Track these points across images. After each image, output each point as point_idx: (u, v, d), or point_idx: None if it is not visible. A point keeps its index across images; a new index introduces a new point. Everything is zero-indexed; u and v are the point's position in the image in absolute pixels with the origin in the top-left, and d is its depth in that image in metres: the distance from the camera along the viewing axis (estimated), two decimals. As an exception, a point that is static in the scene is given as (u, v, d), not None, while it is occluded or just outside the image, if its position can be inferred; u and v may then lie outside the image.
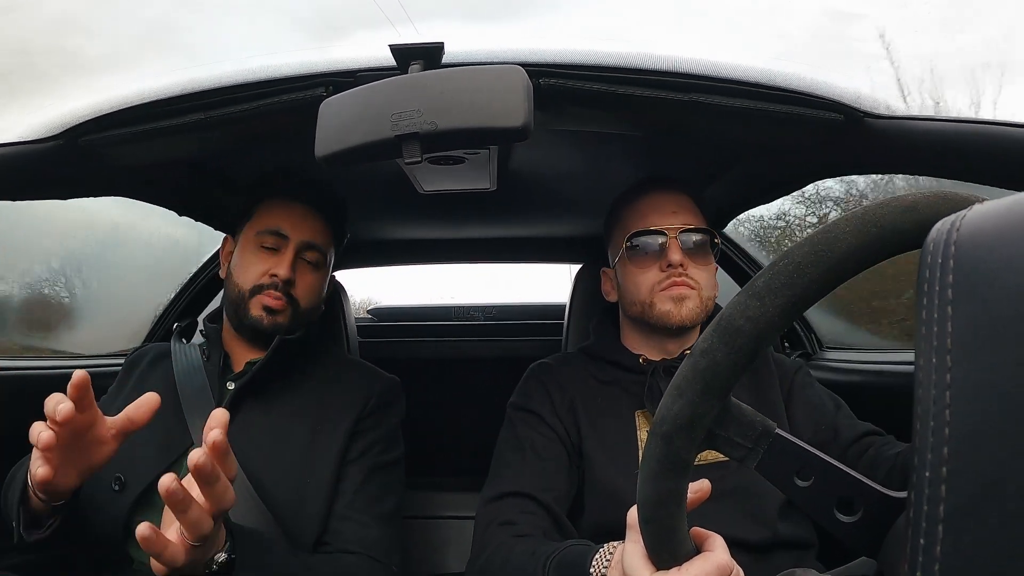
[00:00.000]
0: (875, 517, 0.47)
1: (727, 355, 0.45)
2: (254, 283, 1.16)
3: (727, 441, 0.51)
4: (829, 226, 0.44)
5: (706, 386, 0.47)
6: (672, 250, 1.11)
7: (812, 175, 1.19)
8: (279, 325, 1.16)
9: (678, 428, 0.48)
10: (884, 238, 0.43)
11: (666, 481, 0.51)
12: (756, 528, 1.00)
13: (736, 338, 0.45)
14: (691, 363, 0.47)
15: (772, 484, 0.51)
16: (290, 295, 1.17)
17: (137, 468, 1.07)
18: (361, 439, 1.15)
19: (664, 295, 1.11)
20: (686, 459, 0.50)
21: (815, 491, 0.49)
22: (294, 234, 1.18)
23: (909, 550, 0.32)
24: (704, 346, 0.47)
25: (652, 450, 0.51)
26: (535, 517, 1.03)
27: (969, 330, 0.31)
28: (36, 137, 0.98)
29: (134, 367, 1.25)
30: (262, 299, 1.15)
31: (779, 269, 0.44)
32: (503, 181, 1.35)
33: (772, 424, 0.51)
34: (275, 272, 1.15)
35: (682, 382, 0.48)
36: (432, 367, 2.12)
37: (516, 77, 0.76)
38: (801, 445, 0.50)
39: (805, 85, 0.89)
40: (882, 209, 0.43)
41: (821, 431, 1.08)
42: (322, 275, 1.24)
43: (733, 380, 0.46)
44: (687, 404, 0.47)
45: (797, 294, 0.44)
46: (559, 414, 1.13)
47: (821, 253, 0.43)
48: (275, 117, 0.94)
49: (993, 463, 0.29)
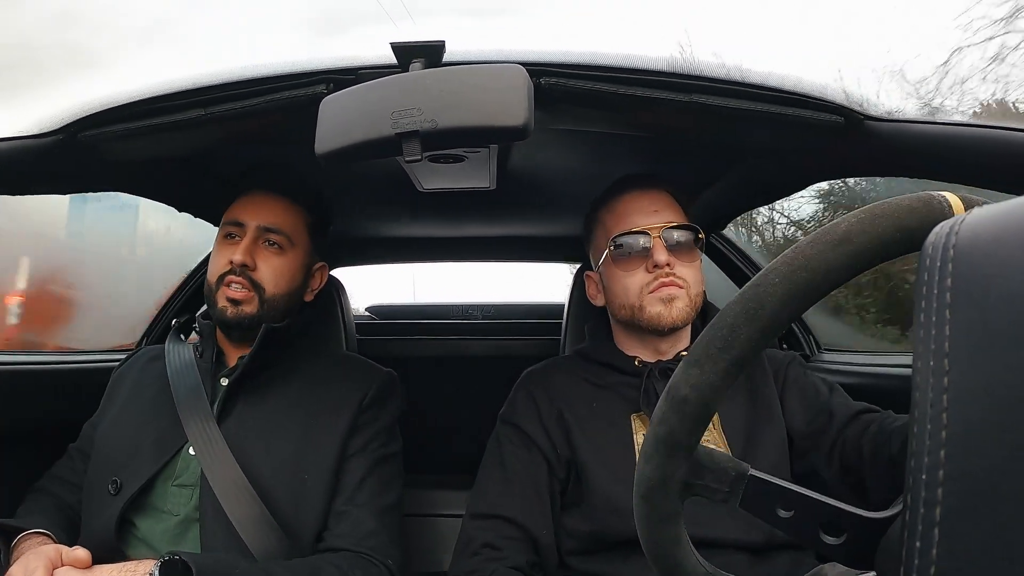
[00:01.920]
0: (860, 538, 0.48)
1: (680, 422, 0.49)
2: (218, 273, 1.16)
3: (705, 488, 0.53)
4: (759, 278, 0.45)
5: (669, 450, 0.50)
6: (657, 250, 1.10)
7: (812, 177, 1.18)
8: (244, 315, 1.15)
9: (653, 489, 0.52)
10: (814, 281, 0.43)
11: (660, 531, 0.54)
12: (754, 530, 1.00)
13: (684, 406, 0.48)
14: (652, 432, 0.51)
15: (757, 518, 0.53)
16: (253, 281, 1.16)
17: (133, 469, 1.07)
18: (360, 434, 1.15)
19: (653, 297, 1.10)
20: (671, 511, 0.53)
21: (798, 520, 0.50)
22: (250, 220, 1.17)
23: (905, 553, 0.32)
24: (659, 416, 0.50)
25: (638, 510, 0.54)
26: (516, 542, 1.06)
27: (967, 334, 0.31)
28: (36, 132, 0.98)
29: (124, 377, 1.25)
30: (225, 291, 1.15)
31: (713, 334, 0.47)
32: (503, 180, 1.35)
33: (745, 467, 0.53)
34: (232, 258, 1.15)
35: (648, 449, 0.52)
36: (431, 365, 2.12)
37: (517, 76, 0.76)
38: (776, 482, 0.51)
39: (806, 87, 0.89)
40: (811, 248, 0.44)
41: (816, 417, 1.08)
42: (289, 259, 1.21)
43: (694, 440, 0.50)
44: (656, 467, 0.51)
45: (735, 356, 0.46)
46: (546, 427, 1.13)
47: (751, 311, 0.45)
48: (275, 114, 0.94)
49: (989, 467, 0.29)
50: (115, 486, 1.06)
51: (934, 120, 0.85)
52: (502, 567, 1.02)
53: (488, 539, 1.06)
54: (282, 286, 1.20)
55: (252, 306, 1.15)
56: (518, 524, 1.07)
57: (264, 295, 1.17)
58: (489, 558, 1.03)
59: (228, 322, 1.15)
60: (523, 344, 2.10)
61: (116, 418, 1.17)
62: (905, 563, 0.31)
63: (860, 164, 1.02)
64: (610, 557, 1.03)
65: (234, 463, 1.04)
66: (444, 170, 1.24)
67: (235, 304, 1.14)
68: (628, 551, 1.01)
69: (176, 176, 1.31)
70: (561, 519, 1.10)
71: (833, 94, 0.90)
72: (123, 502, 1.04)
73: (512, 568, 1.02)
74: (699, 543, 0.65)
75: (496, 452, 1.16)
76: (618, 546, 1.02)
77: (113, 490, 1.06)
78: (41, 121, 0.98)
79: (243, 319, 1.15)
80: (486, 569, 1.02)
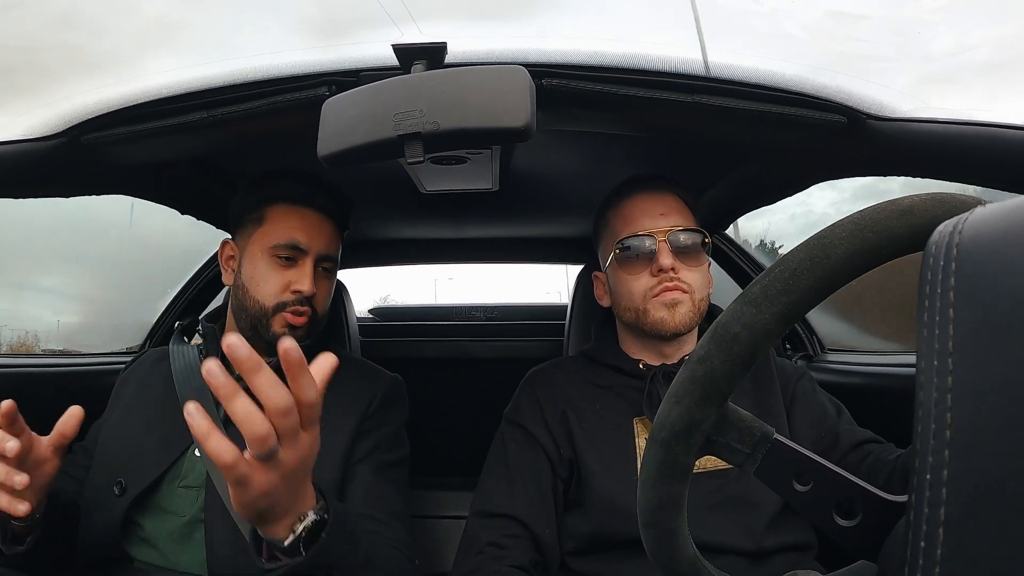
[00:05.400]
0: (874, 521, 0.47)
1: (724, 363, 0.46)
2: (277, 300, 1.12)
3: (725, 447, 0.51)
4: (824, 231, 0.44)
5: (704, 394, 0.47)
6: (662, 254, 1.09)
7: (815, 177, 1.18)
8: (299, 339, 1.13)
9: (676, 435, 0.49)
10: (880, 243, 0.43)
11: (665, 486, 0.52)
12: (753, 537, 1.00)
13: (733, 346, 0.45)
14: (688, 371, 0.48)
15: (771, 489, 0.51)
16: (312, 307, 1.15)
17: (137, 470, 1.07)
18: (366, 439, 1.14)
19: (657, 301, 1.09)
20: (685, 464, 0.50)
21: (814, 496, 0.49)
22: (312, 246, 1.14)
23: (909, 553, 0.31)
24: (701, 354, 0.47)
25: (651, 456, 0.51)
26: (520, 541, 1.06)
27: (971, 333, 0.31)
28: (39, 135, 0.98)
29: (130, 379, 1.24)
30: (285, 316, 1.12)
31: (775, 276, 0.45)
32: (505, 181, 1.35)
33: (771, 429, 0.51)
34: (298, 288, 1.12)
35: (680, 389, 0.48)
36: (434, 367, 2.12)
37: (519, 77, 0.76)
38: (799, 450, 0.50)
39: (808, 87, 0.89)
40: (878, 213, 0.43)
41: (822, 438, 1.08)
42: (334, 281, 1.23)
43: (730, 387, 0.47)
44: (685, 411, 0.48)
45: (793, 300, 0.44)
46: (550, 427, 1.13)
47: (816, 259, 0.43)
48: (278, 116, 0.94)
49: (994, 466, 0.29)
50: (120, 487, 1.06)
51: (937, 119, 0.85)
52: (505, 566, 1.02)
53: (492, 538, 1.06)
54: (327, 307, 1.21)
55: (305, 330, 1.15)
56: (522, 523, 1.07)
57: (316, 318, 1.17)
58: (493, 556, 1.03)
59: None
60: (526, 345, 2.10)
61: (121, 419, 1.17)
62: (910, 563, 0.31)
63: (863, 164, 1.02)
64: (610, 558, 1.03)
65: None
66: (446, 172, 1.24)
67: (293, 330, 1.13)
68: (628, 552, 1.01)
69: (178, 178, 1.31)
70: (562, 519, 1.11)
71: (836, 94, 0.89)
72: (127, 502, 1.04)
73: (515, 567, 1.02)
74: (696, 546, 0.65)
75: (500, 451, 1.16)
76: (618, 547, 1.02)
77: (118, 491, 1.06)
78: (44, 124, 0.98)
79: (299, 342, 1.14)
80: (489, 568, 1.02)
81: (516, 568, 1.02)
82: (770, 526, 1.01)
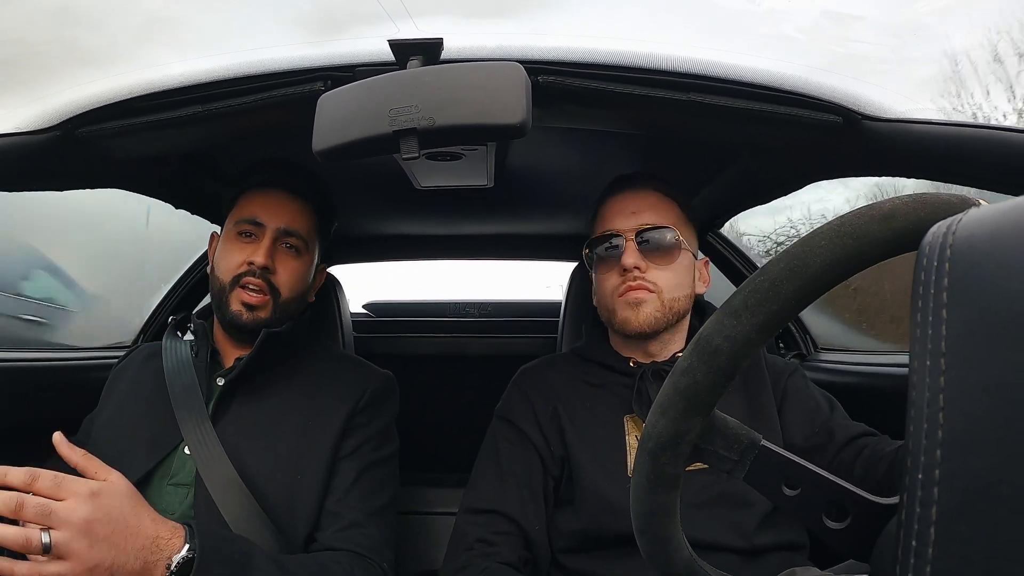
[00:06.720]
0: (864, 523, 0.47)
1: (707, 374, 0.47)
2: (233, 273, 1.14)
3: (713, 454, 0.52)
4: (804, 239, 0.45)
5: (687, 405, 0.48)
6: (627, 253, 1.09)
7: (810, 177, 1.18)
8: (260, 320, 1.14)
9: (662, 446, 0.50)
10: (860, 249, 0.43)
11: (656, 495, 0.52)
12: (745, 535, 1.00)
13: (715, 358, 0.46)
14: (672, 382, 0.49)
15: (761, 493, 0.51)
16: (270, 283, 1.15)
17: (127, 465, 1.06)
18: (354, 436, 1.14)
19: (622, 301, 1.10)
20: (673, 474, 0.51)
21: (803, 499, 0.49)
22: (270, 221, 1.16)
23: (901, 552, 0.32)
24: (684, 365, 0.48)
25: (640, 466, 0.52)
26: (509, 538, 1.06)
27: (964, 333, 0.31)
28: (33, 128, 0.98)
29: (123, 373, 1.24)
30: (240, 294, 1.13)
31: (755, 286, 0.45)
32: (500, 178, 1.35)
33: (757, 436, 0.52)
34: (252, 259, 1.13)
35: (664, 401, 0.49)
36: (427, 363, 2.12)
37: (515, 74, 0.76)
38: (787, 456, 0.50)
39: (804, 86, 0.89)
40: (858, 219, 0.43)
41: (815, 434, 1.08)
42: (304, 262, 1.21)
43: (714, 398, 0.48)
44: (670, 423, 0.49)
45: (774, 311, 0.44)
46: (541, 425, 1.13)
47: (796, 268, 0.44)
48: (273, 111, 0.94)
49: (986, 466, 0.29)
50: None
51: (933, 120, 0.85)
52: (494, 562, 1.02)
53: (481, 534, 1.06)
54: (296, 290, 1.20)
55: (267, 311, 1.14)
56: (512, 520, 1.07)
57: (279, 299, 1.16)
58: (482, 553, 1.04)
59: (242, 326, 1.14)
60: (519, 342, 2.10)
61: (113, 415, 1.16)
62: (901, 562, 0.31)
63: (858, 164, 1.02)
64: (601, 555, 1.03)
65: (228, 463, 1.03)
66: (442, 168, 1.23)
67: (251, 309, 1.13)
68: (619, 550, 1.01)
69: (173, 173, 1.30)
70: (553, 517, 1.11)
71: (831, 93, 0.90)
72: None
73: (504, 564, 1.02)
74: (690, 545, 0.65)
75: (491, 448, 1.16)
76: (609, 544, 1.02)
77: None
78: (39, 117, 0.98)
79: (259, 323, 1.13)
80: (479, 564, 1.02)
81: (505, 564, 1.02)
82: (762, 524, 1.01)
